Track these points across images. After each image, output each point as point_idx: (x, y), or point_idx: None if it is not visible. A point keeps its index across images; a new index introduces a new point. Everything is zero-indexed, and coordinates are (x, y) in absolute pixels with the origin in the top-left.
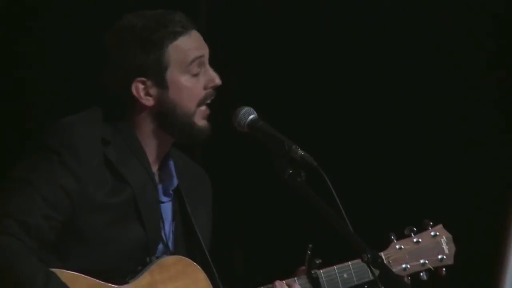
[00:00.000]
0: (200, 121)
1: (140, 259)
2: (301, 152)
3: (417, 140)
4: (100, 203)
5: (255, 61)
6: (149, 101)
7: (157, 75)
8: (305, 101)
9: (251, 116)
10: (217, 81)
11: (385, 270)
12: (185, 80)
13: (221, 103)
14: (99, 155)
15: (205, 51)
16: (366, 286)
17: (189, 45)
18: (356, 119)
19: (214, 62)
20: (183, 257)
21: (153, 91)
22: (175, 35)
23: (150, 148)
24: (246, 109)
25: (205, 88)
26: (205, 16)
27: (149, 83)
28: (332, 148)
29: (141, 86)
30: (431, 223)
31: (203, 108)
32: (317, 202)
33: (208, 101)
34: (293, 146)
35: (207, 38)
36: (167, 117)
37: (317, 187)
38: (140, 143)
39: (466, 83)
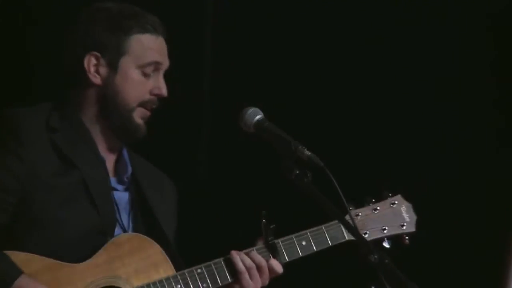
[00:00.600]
0: (138, 119)
1: (98, 245)
2: (307, 152)
3: (416, 142)
4: (48, 183)
5: (260, 61)
6: (96, 79)
7: (112, 56)
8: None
9: (258, 117)
10: (164, 91)
11: (392, 271)
12: (135, 74)
13: (227, 103)
14: (45, 139)
15: (164, 60)
16: (373, 287)
17: (152, 46)
18: (361, 119)
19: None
20: (137, 233)
21: (103, 70)
22: (143, 30)
23: (99, 137)
24: (252, 109)
25: (150, 92)
26: (211, 15)
27: (102, 61)
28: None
29: (93, 61)
30: (390, 194)
31: (145, 109)
32: (323, 203)
33: (149, 107)
34: (300, 147)
35: (213, 38)
36: (108, 102)
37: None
38: (87, 128)
39: (467, 82)
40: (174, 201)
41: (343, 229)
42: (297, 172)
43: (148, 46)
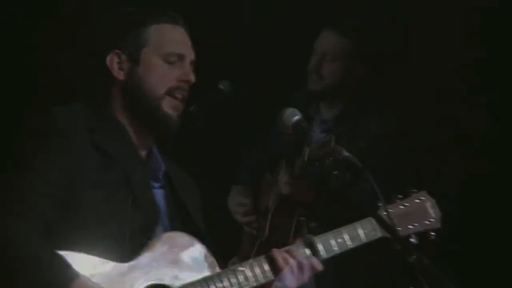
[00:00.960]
0: (168, 109)
1: (140, 242)
2: (345, 152)
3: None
4: (92, 180)
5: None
6: (120, 75)
7: (133, 50)
8: None
9: (296, 117)
10: (191, 77)
11: (431, 271)
12: (158, 62)
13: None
14: (85, 137)
15: (186, 51)
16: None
17: (172, 36)
18: None
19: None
20: (180, 232)
21: (125, 66)
22: (160, 20)
23: (132, 132)
24: (291, 110)
25: (177, 80)
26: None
27: (123, 57)
28: None
29: (116, 59)
30: (414, 190)
31: (174, 99)
32: (363, 204)
33: (179, 95)
34: (338, 147)
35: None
36: (134, 93)
37: None
38: (122, 125)
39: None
40: (199, 202)
41: (376, 225)
42: (335, 172)
43: (168, 36)
